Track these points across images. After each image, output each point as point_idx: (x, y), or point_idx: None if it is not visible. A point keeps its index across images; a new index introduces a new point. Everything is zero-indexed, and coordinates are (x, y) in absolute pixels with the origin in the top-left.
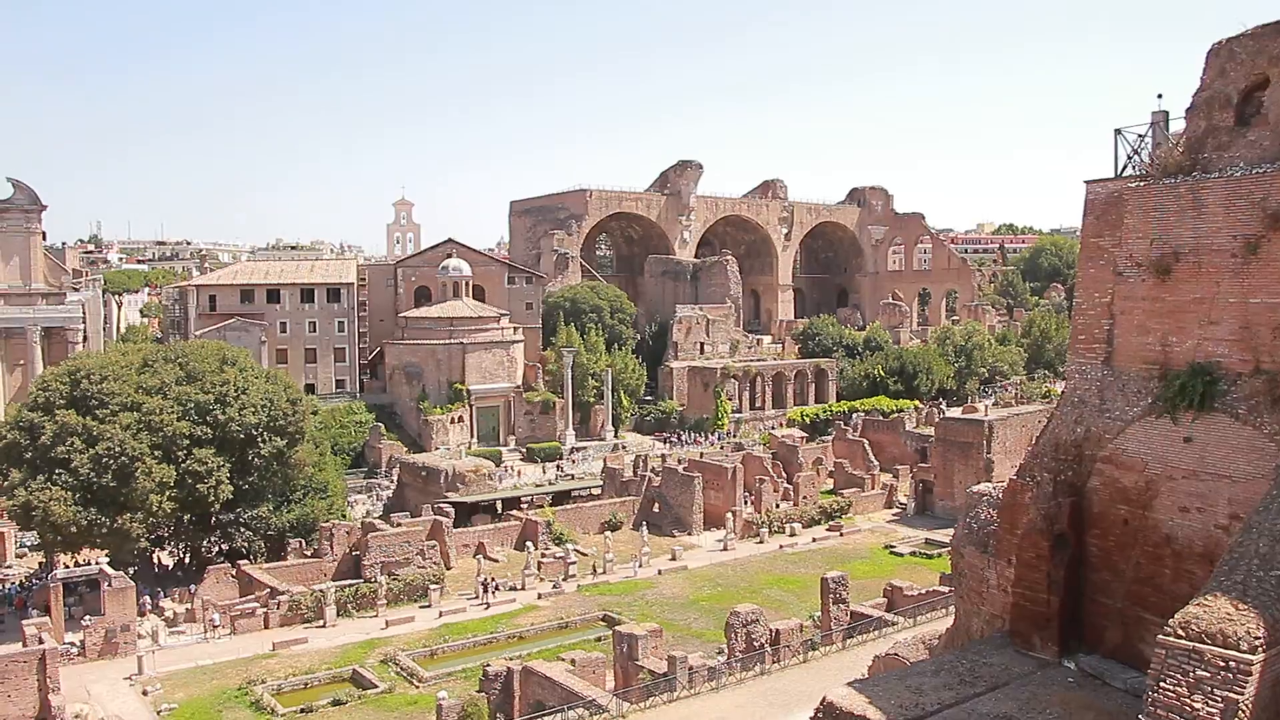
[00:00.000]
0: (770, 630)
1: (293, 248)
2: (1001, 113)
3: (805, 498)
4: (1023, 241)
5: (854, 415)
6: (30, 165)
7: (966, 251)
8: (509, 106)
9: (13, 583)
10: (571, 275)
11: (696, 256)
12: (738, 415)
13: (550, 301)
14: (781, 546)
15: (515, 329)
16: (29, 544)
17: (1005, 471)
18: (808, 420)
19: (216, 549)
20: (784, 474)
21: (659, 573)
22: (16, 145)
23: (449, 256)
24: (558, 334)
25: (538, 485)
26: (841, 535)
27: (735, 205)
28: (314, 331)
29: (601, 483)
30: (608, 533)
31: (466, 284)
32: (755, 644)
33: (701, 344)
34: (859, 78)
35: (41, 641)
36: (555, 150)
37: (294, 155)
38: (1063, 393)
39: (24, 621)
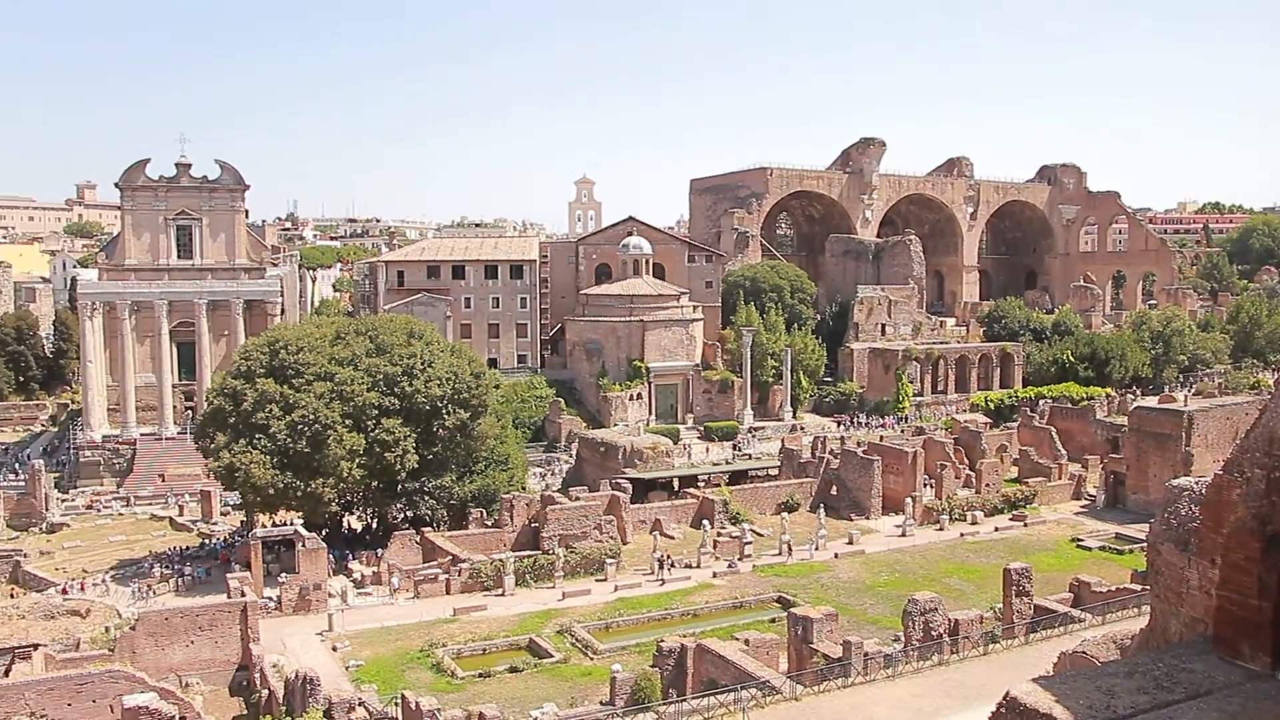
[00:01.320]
0: (949, 620)
1: (477, 225)
2: (1207, 86)
3: (988, 485)
4: (1230, 221)
5: (1040, 402)
6: (233, 147)
7: (1166, 232)
8: (690, 85)
9: (218, 539)
10: (751, 254)
11: (878, 236)
12: (919, 399)
13: (730, 280)
14: (962, 535)
15: (695, 307)
16: (232, 503)
17: (1206, 466)
18: (992, 405)
19: (402, 516)
20: (966, 460)
21: (835, 556)
22: (220, 127)
23: (630, 234)
24: (737, 313)
25: (715, 464)
26: (1025, 525)
27: (919, 184)
28: (497, 307)
29: (779, 463)
30: (784, 514)
31: (647, 262)
32: (933, 633)
33: (883, 325)
34: (1047, 51)
35: (243, 595)
36: (736, 129)
37: (480, 135)
38: (1277, 383)
39: (228, 575)
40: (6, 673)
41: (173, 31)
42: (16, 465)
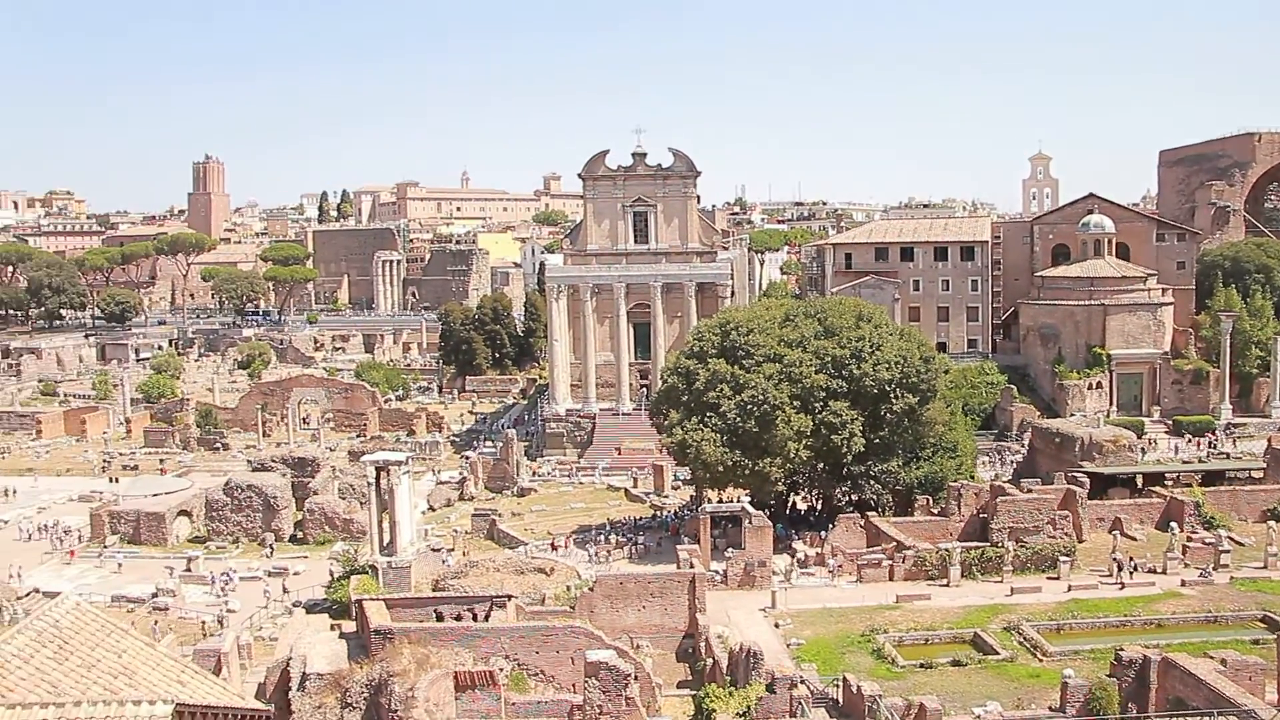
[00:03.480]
0: None
1: (925, 206)
2: None
3: None
4: None
5: None
6: (685, 136)
7: None
8: (1153, 44)
9: (669, 511)
10: (1233, 231)
11: None
12: None
13: (1206, 260)
14: None
15: (1163, 290)
16: (682, 478)
17: None
18: None
19: (846, 499)
20: None
21: None
22: (673, 117)
23: (1090, 212)
24: (1214, 296)
25: (1185, 462)
26: None
27: None
28: (946, 290)
29: (1264, 465)
30: (1270, 522)
31: (1109, 241)
32: None
33: None
34: None
35: (692, 566)
36: (1213, 90)
37: (927, 112)
38: None
39: (678, 547)
40: (486, 617)
41: (641, 33)
42: (493, 434)
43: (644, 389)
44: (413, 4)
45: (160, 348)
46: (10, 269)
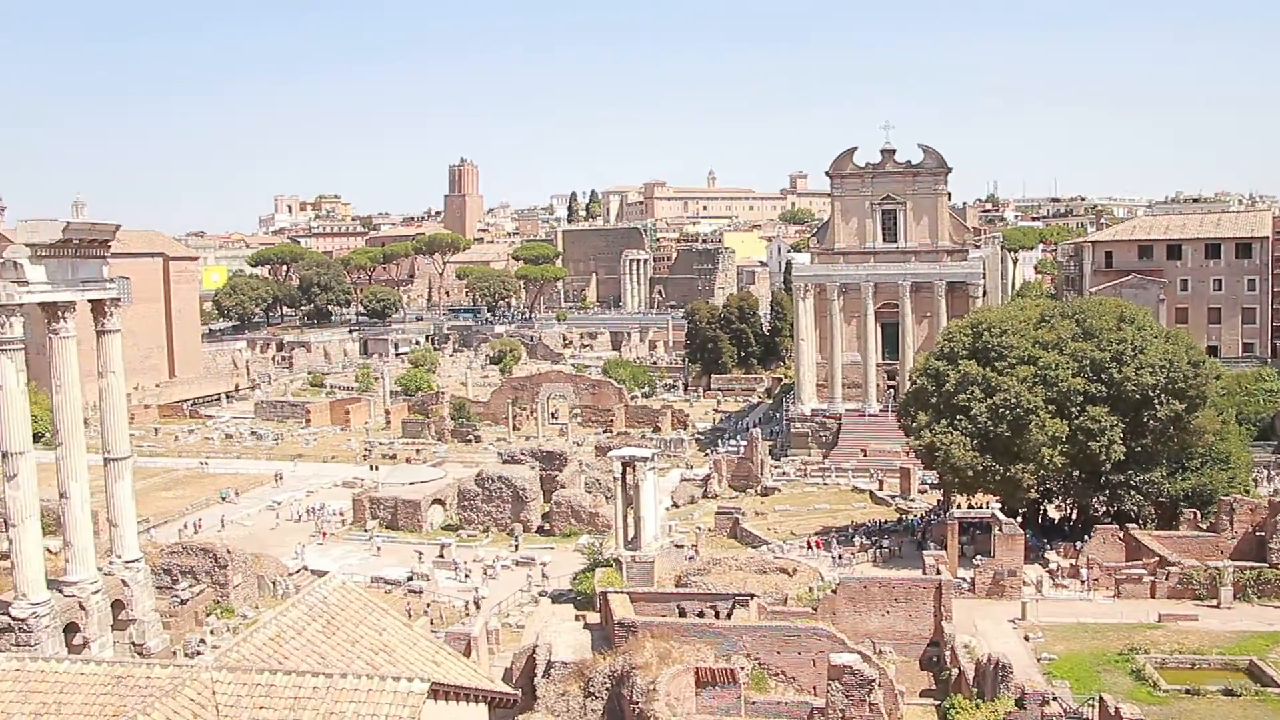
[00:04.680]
0: None
1: (1194, 200)
2: None
3: None
4: None
5: None
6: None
7: None
8: None
9: (915, 515)
10: None
11: None
12: None
13: None
14: None
15: None
16: (929, 482)
17: None
18: None
19: (1104, 509)
20: None
21: None
22: (924, 112)
23: None
24: None
25: None
26: None
27: None
28: (1218, 290)
29: None
30: None
31: None
32: None
33: None
34: None
35: (939, 572)
36: None
37: (1189, 100)
38: None
39: (924, 552)
40: (729, 615)
41: (888, 29)
42: (737, 432)
43: (891, 390)
44: (657, 7)
45: (417, 343)
46: (284, 268)
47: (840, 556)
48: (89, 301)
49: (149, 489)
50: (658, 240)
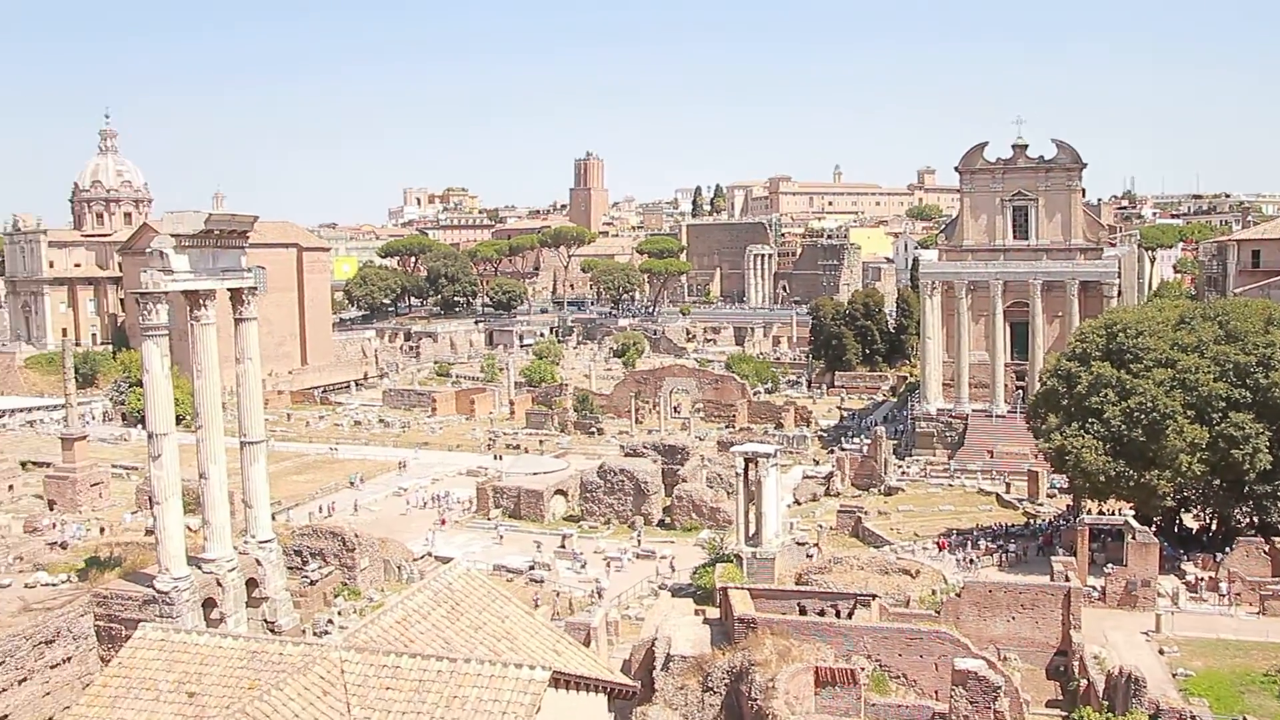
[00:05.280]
0: None
1: None
2: None
3: None
4: None
5: None
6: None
7: None
8: None
9: (1043, 520)
10: None
11: None
12: None
13: None
14: None
15: None
16: (1058, 486)
17: None
18: None
19: (1247, 520)
20: None
21: None
22: (1057, 106)
23: None
24: None
25: None
26: None
27: None
28: None
29: None
30: None
31: None
32: None
33: None
34: None
35: (1067, 579)
36: None
37: None
38: None
39: (1052, 559)
40: (850, 615)
41: (1020, 21)
42: (861, 430)
43: (1020, 391)
44: (784, 2)
45: (542, 335)
46: (413, 260)
47: (965, 560)
48: (228, 290)
49: (281, 472)
50: (782, 235)
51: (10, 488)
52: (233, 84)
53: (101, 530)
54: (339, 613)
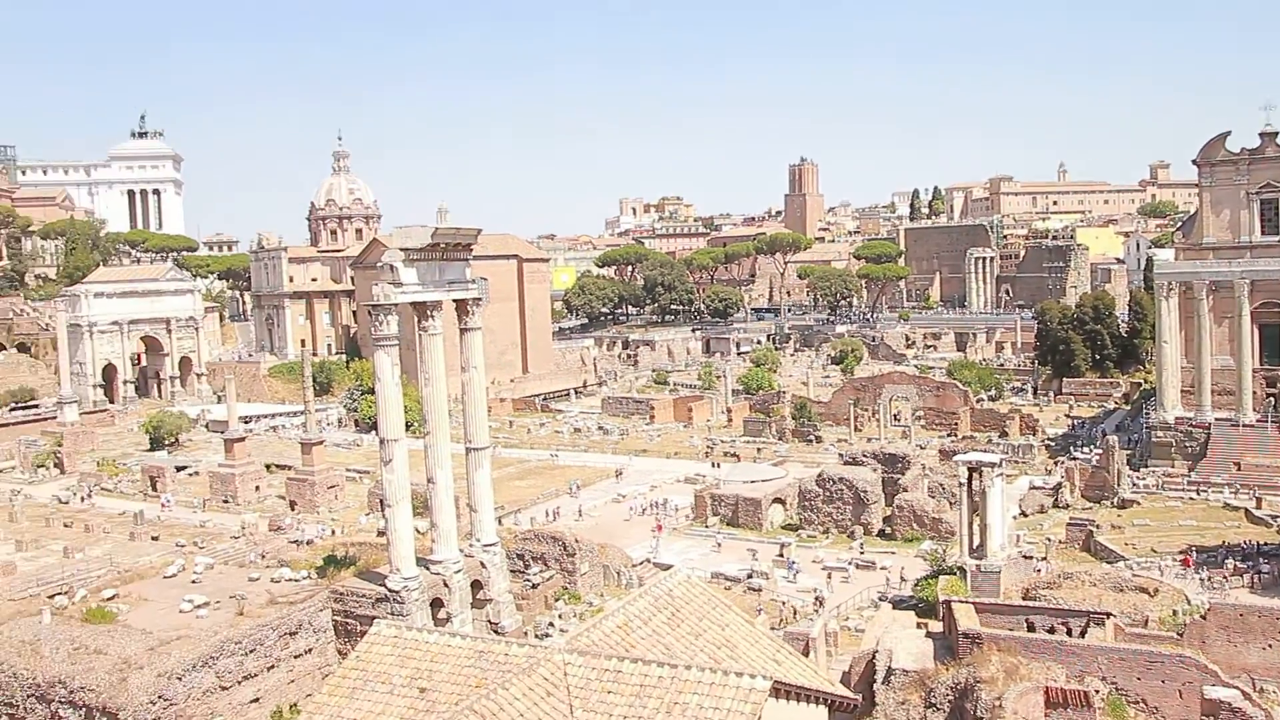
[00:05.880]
0: None
1: None
2: None
3: None
4: None
5: None
6: None
7: None
8: None
9: None
10: None
11: None
12: None
13: None
14: None
15: None
16: None
17: None
18: None
19: None
20: None
21: None
22: None
23: None
24: None
25: None
26: None
27: None
28: None
29: None
30: None
31: None
32: None
33: None
34: None
35: None
36: None
37: None
38: None
39: None
40: (1082, 633)
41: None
42: (1091, 440)
43: (1270, 398)
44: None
45: (759, 342)
46: (630, 268)
47: (1209, 579)
48: (454, 301)
49: (504, 478)
50: (1004, 237)
51: (256, 488)
52: (454, 100)
53: (332, 532)
54: (559, 616)
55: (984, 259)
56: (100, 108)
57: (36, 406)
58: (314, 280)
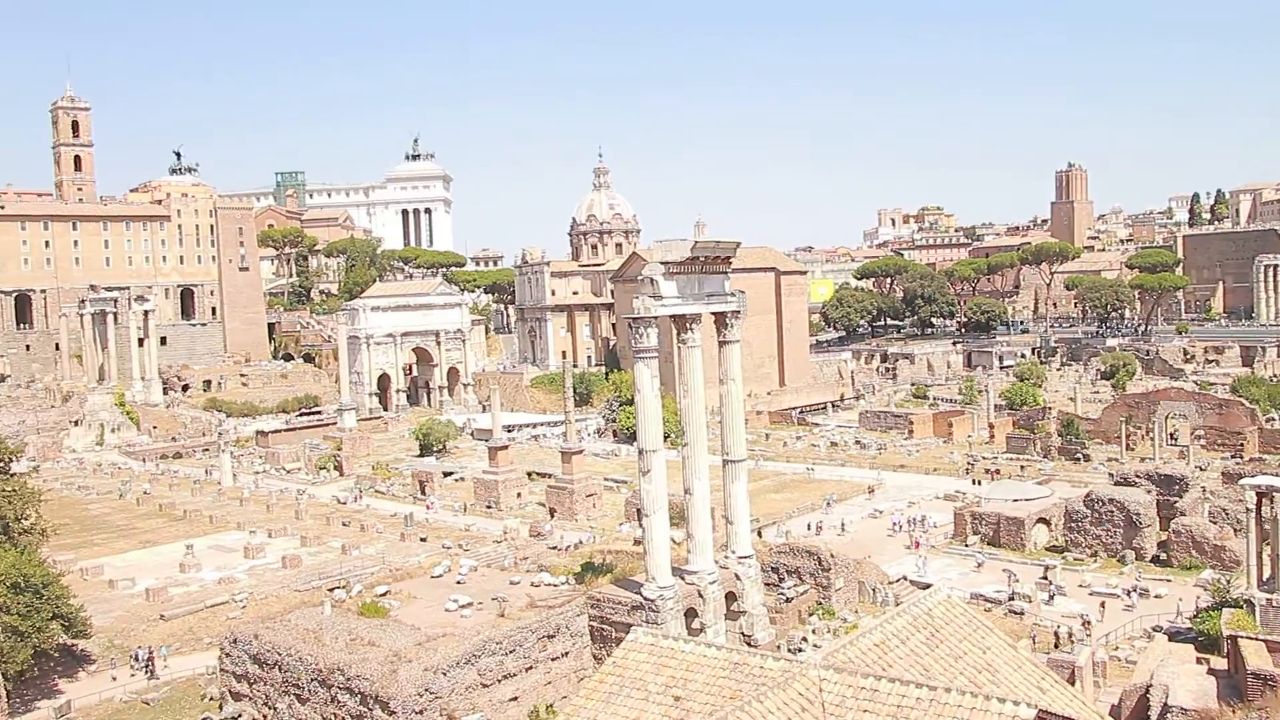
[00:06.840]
0: None
1: None
2: None
3: None
4: None
5: None
6: None
7: None
8: None
9: None
10: None
11: None
12: None
13: None
14: None
15: None
16: None
17: None
18: None
19: None
20: None
21: None
22: None
23: None
24: None
25: None
26: None
27: None
28: None
29: None
30: None
31: None
32: None
33: None
34: None
35: None
36: None
37: None
38: None
39: None
40: None
41: None
42: None
43: None
44: None
45: (1023, 356)
46: (889, 280)
47: None
48: (712, 314)
49: (760, 490)
50: None
51: (518, 495)
52: (711, 112)
53: (581, 541)
54: (813, 631)
55: (1275, 266)
56: (380, 131)
57: (319, 413)
58: (575, 294)
